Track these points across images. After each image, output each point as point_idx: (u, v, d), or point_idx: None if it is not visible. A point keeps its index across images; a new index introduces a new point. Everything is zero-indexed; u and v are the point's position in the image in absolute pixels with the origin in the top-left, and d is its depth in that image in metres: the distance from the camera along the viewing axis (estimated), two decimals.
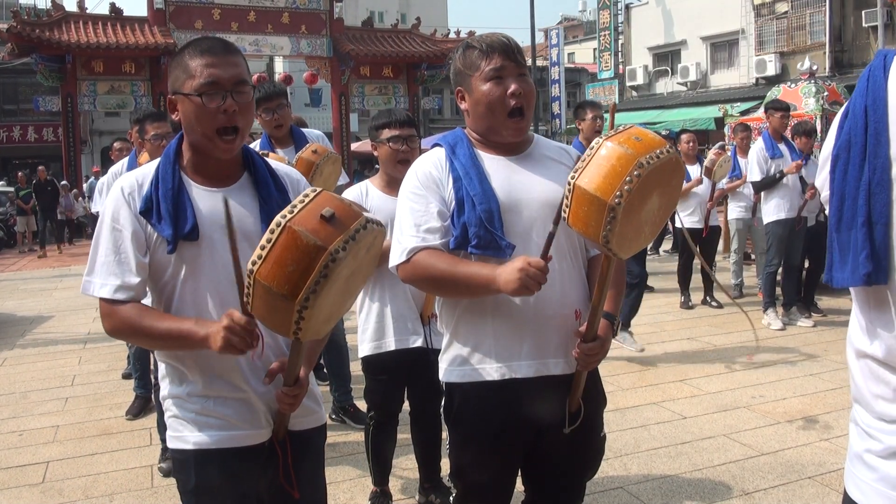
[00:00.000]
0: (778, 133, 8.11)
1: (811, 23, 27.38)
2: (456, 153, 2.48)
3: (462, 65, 2.50)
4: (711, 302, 9.04)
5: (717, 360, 6.78)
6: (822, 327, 7.98)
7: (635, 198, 2.03)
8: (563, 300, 2.41)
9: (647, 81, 34.03)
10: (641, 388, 5.99)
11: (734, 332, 7.76)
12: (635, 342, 7.13)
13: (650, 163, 2.03)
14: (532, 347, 2.41)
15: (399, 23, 32.32)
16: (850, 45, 26.70)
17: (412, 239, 2.40)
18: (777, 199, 7.93)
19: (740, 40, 30.19)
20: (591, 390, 2.53)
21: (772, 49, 28.46)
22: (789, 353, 7.00)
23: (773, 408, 5.52)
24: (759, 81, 26.67)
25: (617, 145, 2.07)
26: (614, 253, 2.13)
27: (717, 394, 5.83)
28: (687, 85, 32.05)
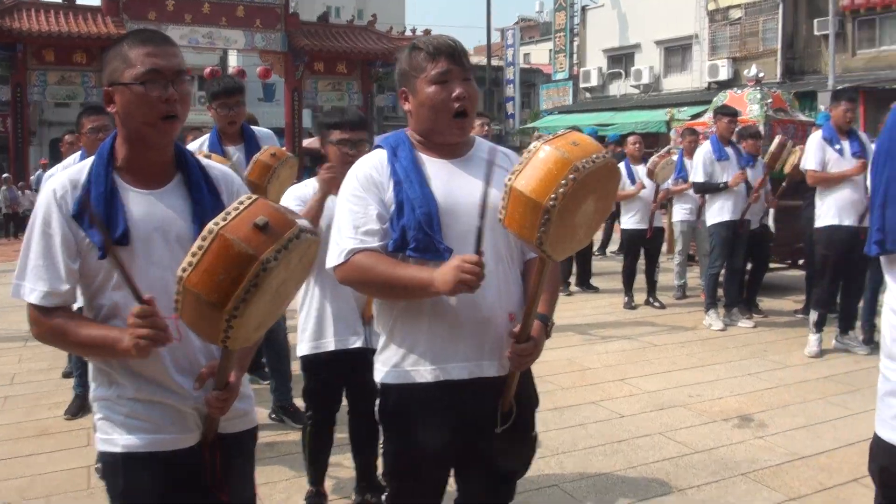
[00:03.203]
0: (725, 137, 8.27)
1: (764, 30, 27.83)
2: (397, 155, 2.50)
3: (407, 66, 2.52)
4: (654, 303, 9.18)
5: (656, 359, 6.90)
6: (763, 328, 8.16)
7: (570, 201, 2.08)
8: (499, 302, 2.44)
9: (601, 83, 34.28)
10: (581, 388, 6.07)
11: (675, 332, 7.90)
12: None
13: (586, 167, 2.08)
14: (467, 349, 2.44)
15: (355, 19, 32.24)
16: (801, 52, 27.20)
17: (350, 241, 2.41)
18: (721, 202, 8.09)
19: (693, 45, 30.54)
20: (523, 391, 2.57)
21: (724, 54, 28.87)
22: (729, 352, 7.15)
23: (710, 406, 5.63)
24: (712, 86, 27.01)
25: (554, 149, 2.12)
26: (548, 255, 2.18)
27: (655, 393, 5.94)
28: (640, 88, 32.36)
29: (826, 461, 4.68)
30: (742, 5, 28.58)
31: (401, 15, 51.55)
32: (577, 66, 35.45)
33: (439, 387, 2.43)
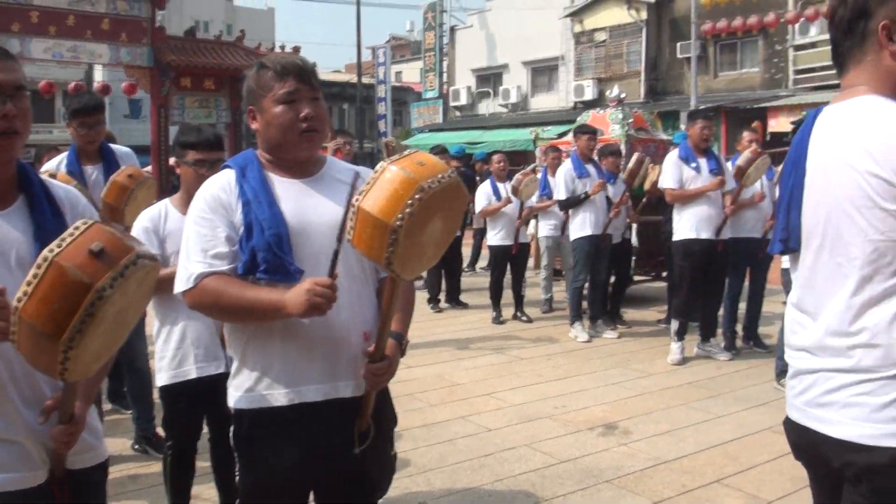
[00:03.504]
0: (585, 155, 8.49)
1: (628, 52, 28.95)
2: (246, 176, 2.44)
3: (255, 85, 2.47)
4: (522, 317, 9.30)
5: (524, 372, 6.98)
6: (627, 338, 8.38)
7: (417, 220, 2.08)
8: (353, 322, 2.41)
9: (470, 102, 34.85)
10: (450, 403, 6.08)
11: (542, 345, 8.03)
12: None
13: (432, 187, 2.09)
14: (322, 370, 2.40)
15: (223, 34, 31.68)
16: (664, 74, 28.42)
17: (199, 265, 2.35)
18: (583, 217, 8.29)
19: (560, 66, 31.44)
20: (380, 410, 2.54)
21: (590, 75, 29.84)
22: (594, 363, 7.31)
23: (576, 416, 5.74)
24: (578, 105, 27.82)
25: (400, 169, 2.12)
26: (397, 274, 2.17)
27: (521, 405, 6.00)
28: (508, 107, 33.02)
29: (689, 464, 4.83)
30: (607, 28, 29.64)
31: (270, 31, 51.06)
32: (446, 85, 35.89)
33: (294, 410, 2.39)
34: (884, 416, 1.89)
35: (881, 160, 1.85)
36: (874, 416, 1.91)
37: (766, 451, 5.06)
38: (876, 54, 1.98)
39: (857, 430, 1.93)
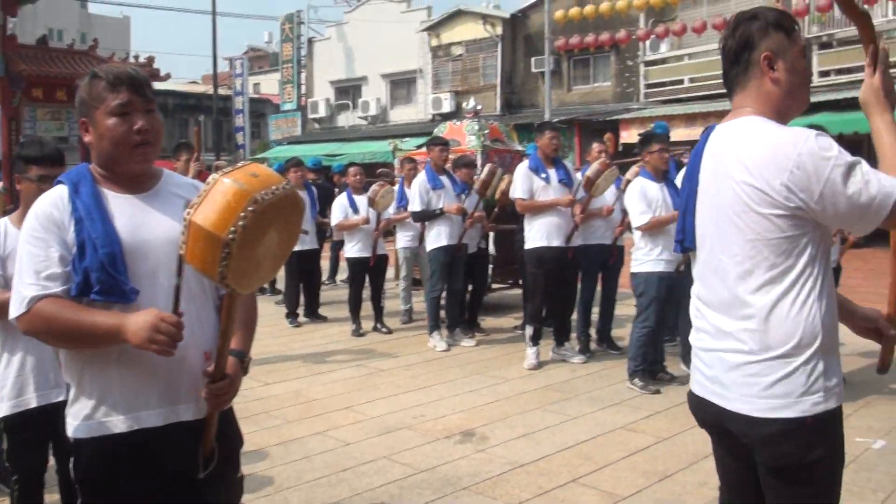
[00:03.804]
0: (439, 166, 8.56)
1: (484, 66, 29.49)
2: (79, 192, 2.34)
3: (87, 95, 2.37)
4: (381, 328, 9.28)
5: (383, 384, 6.96)
6: (485, 346, 8.49)
7: (250, 233, 2.02)
8: (192, 341, 2.32)
9: (329, 114, 34.64)
10: (308, 419, 5.99)
11: (401, 356, 8.03)
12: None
13: (265, 198, 2.04)
14: (162, 394, 2.32)
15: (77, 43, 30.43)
16: (520, 87, 29.07)
17: (32, 287, 2.24)
18: (438, 228, 8.36)
19: (418, 79, 31.68)
20: (225, 431, 2.48)
21: (447, 88, 30.19)
22: (452, 372, 7.36)
23: (434, 425, 5.75)
24: (436, 118, 28.05)
25: (233, 182, 2.06)
26: (232, 289, 2.11)
27: (380, 417, 5.98)
28: (368, 119, 33.02)
29: (545, 466, 4.92)
30: (463, 42, 30.10)
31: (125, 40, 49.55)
32: (305, 97, 35.57)
33: (134, 436, 2.30)
34: (771, 392, 2.23)
35: (754, 171, 2.20)
36: (763, 394, 2.24)
37: (620, 448, 5.22)
38: (758, 80, 2.35)
39: (750, 405, 2.27)
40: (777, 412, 2.21)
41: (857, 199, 2.13)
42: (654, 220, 6.52)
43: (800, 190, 2.15)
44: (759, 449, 2.30)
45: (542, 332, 7.66)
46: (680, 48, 24.09)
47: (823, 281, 2.25)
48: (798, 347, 2.21)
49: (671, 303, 6.88)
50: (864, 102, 2.35)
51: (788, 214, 2.18)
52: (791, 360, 2.22)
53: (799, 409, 2.21)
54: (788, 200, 2.17)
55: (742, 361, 2.27)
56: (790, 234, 2.20)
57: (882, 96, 2.31)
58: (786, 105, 2.36)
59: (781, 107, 2.35)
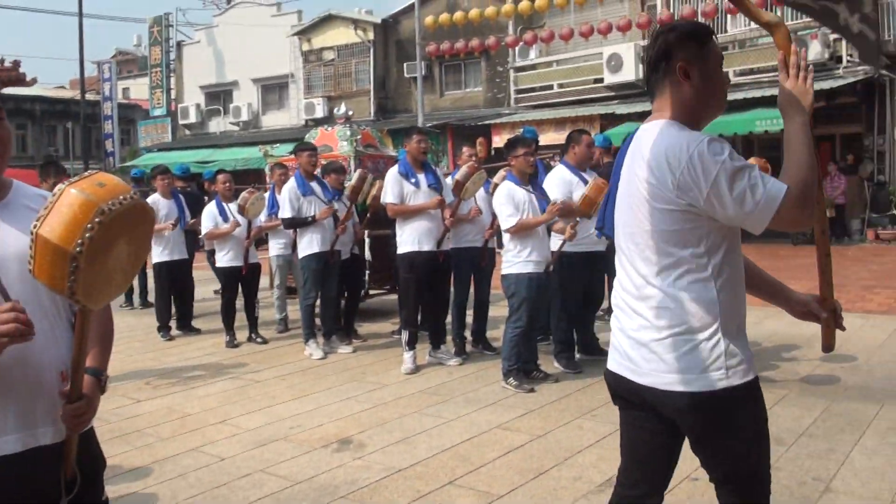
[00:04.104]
0: (308, 172, 8.49)
1: (356, 71, 29.48)
2: None
3: None
4: (256, 338, 9.14)
5: (258, 396, 6.85)
6: (362, 352, 8.46)
7: (98, 246, 1.96)
8: (48, 361, 2.24)
9: (200, 120, 33.89)
10: (182, 436, 5.83)
11: (277, 366, 7.93)
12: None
13: (112, 209, 1.98)
14: (18, 418, 2.21)
15: None
16: (393, 92, 29.20)
17: None
18: (310, 234, 8.27)
19: (290, 83, 31.36)
20: (86, 453, 2.39)
21: (320, 93, 30.01)
22: (329, 380, 7.31)
23: (310, 435, 5.70)
24: (309, 123, 27.81)
25: (79, 192, 1.99)
26: (83, 304, 2.04)
27: (256, 430, 5.88)
28: (239, 125, 32.48)
29: (422, 470, 4.94)
30: (335, 48, 29.97)
31: None
32: (175, 103, 34.71)
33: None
34: (675, 368, 2.45)
35: (653, 170, 2.43)
36: (668, 369, 2.46)
37: (495, 448, 5.28)
38: (675, 86, 2.53)
39: (657, 379, 2.49)
40: (681, 386, 2.44)
41: (741, 201, 2.31)
42: (521, 222, 6.63)
43: (688, 189, 2.36)
44: (676, 419, 2.54)
45: (417, 336, 7.69)
46: (548, 54, 24.59)
47: (722, 269, 2.47)
48: (697, 327, 2.44)
49: (542, 303, 7.02)
50: (780, 106, 2.47)
51: (680, 210, 2.40)
52: (691, 338, 2.45)
53: (700, 385, 2.43)
54: (679, 198, 2.39)
55: (648, 339, 2.50)
56: (684, 227, 2.43)
57: (795, 101, 2.43)
58: (699, 110, 2.55)
59: (695, 112, 2.54)
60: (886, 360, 7.34)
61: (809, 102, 2.43)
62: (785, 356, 7.64)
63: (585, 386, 6.77)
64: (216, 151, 30.32)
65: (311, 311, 8.42)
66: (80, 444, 2.32)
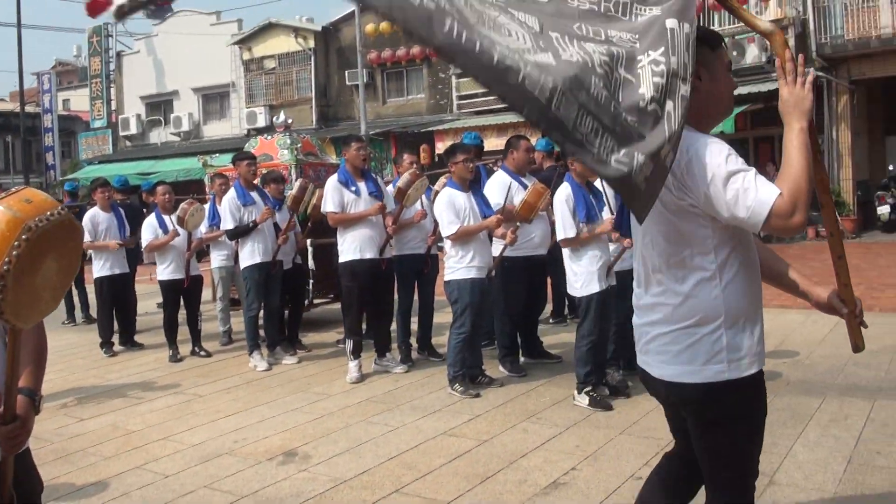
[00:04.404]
0: (248, 181, 8.44)
1: (298, 79, 29.34)
2: None
3: None
4: (200, 352, 9.04)
5: (202, 410, 6.78)
6: (307, 362, 8.42)
7: (26, 263, 1.94)
8: None
9: (140, 131, 33.42)
10: (125, 454, 5.74)
11: (221, 379, 7.85)
12: None
13: (39, 226, 1.96)
14: None
15: None
16: (335, 100, 29.12)
17: None
18: (251, 245, 8.22)
19: (231, 93, 31.10)
20: (23, 475, 2.37)
21: (261, 102, 29.82)
22: (273, 391, 7.25)
23: (255, 448, 5.65)
24: (251, 132, 27.59)
25: (6, 209, 1.97)
26: (12, 323, 2.02)
27: (200, 445, 5.82)
28: (181, 135, 32.11)
29: (368, 479, 4.93)
30: (276, 56, 29.81)
31: None
32: (115, 114, 34.18)
33: None
34: (678, 360, 2.59)
35: None
36: (673, 360, 2.61)
37: (441, 454, 5.30)
38: (698, 90, 2.51)
39: (666, 370, 2.63)
40: (684, 377, 2.58)
41: (734, 204, 2.38)
42: (462, 229, 6.66)
43: (688, 189, 2.46)
44: (682, 407, 2.72)
45: (362, 344, 7.68)
46: None
47: (729, 266, 2.56)
48: (701, 322, 2.55)
49: (485, 308, 7.06)
50: (781, 112, 2.52)
51: (684, 210, 2.50)
52: (695, 332, 2.56)
53: (702, 377, 2.56)
54: (681, 198, 2.48)
55: (657, 333, 2.65)
56: (688, 227, 2.52)
57: (794, 107, 2.48)
58: (707, 111, 2.61)
59: (702, 114, 2.58)
60: (828, 354, 7.50)
61: (808, 107, 2.47)
62: None
63: (530, 389, 6.82)
64: (157, 163, 29.97)
65: (254, 323, 8.35)
66: (17, 465, 2.30)
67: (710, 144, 2.45)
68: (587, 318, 6.20)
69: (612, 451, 5.21)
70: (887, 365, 6.92)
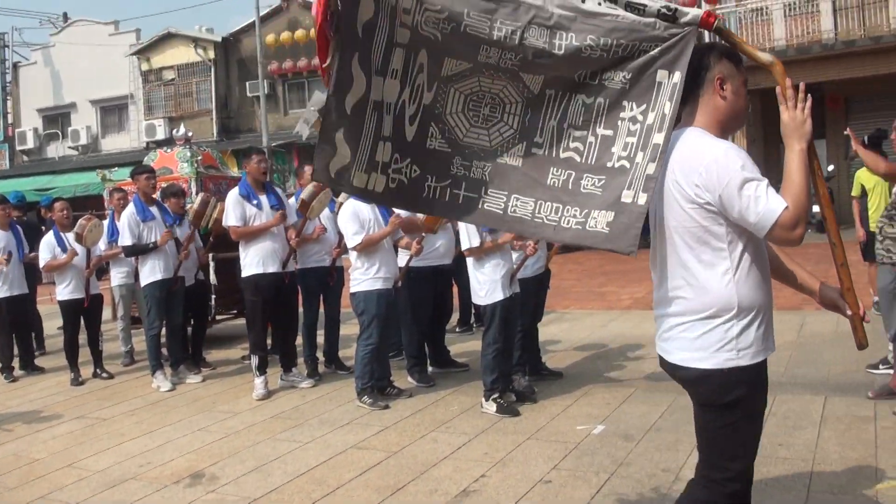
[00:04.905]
0: (148, 195, 8.26)
1: (198, 91, 28.91)
2: None
3: None
4: (102, 374, 8.79)
5: (106, 434, 6.59)
6: (212, 380, 8.28)
7: None
8: None
9: (38, 145, 32.40)
10: (29, 483, 5.54)
11: (125, 402, 7.66)
12: None
13: None
14: None
15: None
16: (236, 112, 28.77)
17: None
18: (152, 261, 8.03)
19: (130, 105, 30.42)
20: None
21: (161, 114, 29.26)
22: (179, 412, 7.11)
23: (161, 472, 5.53)
24: (150, 145, 27.04)
25: None
26: None
27: (105, 471, 5.65)
28: (79, 149, 31.23)
29: (277, 497, 4.89)
30: (175, 67, 29.27)
31: None
32: (12, 127, 33.00)
33: None
34: (693, 346, 2.83)
35: (678, 171, 2.77)
36: (689, 346, 2.84)
37: (351, 468, 5.29)
38: (709, 95, 2.85)
39: (680, 355, 2.88)
40: (695, 362, 2.83)
41: (745, 210, 2.64)
42: (366, 238, 6.67)
43: (706, 190, 2.69)
44: (687, 388, 2.98)
45: (268, 360, 7.60)
46: None
47: (742, 262, 2.78)
48: (716, 314, 2.78)
49: (392, 319, 7.08)
50: (783, 135, 2.75)
51: (701, 208, 2.73)
52: (709, 322, 2.79)
53: (713, 363, 2.79)
54: (698, 197, 2.72)
55: (676, 322, 2.88)
56: (706, 223, 2.75)
57: (793, 130, 2.73)
58: (725, 122, 2.88)
59: (724, 121, 2.87)
60: None
61: (808, 130, 2.72)
62: (630, 356, 7.95)
63: (439, 399, 6.85)
64: (55, 178, 29.05)
65: (157, 342, 8.15)
66: None
67: (729, 151, 2.71)
68: (492, 326, 6.28)
69: (521, 456, 5.28)
70: (786, 361, 7.17)
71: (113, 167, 17.25)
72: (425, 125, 3.03)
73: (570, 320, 10.13)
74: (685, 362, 2.87)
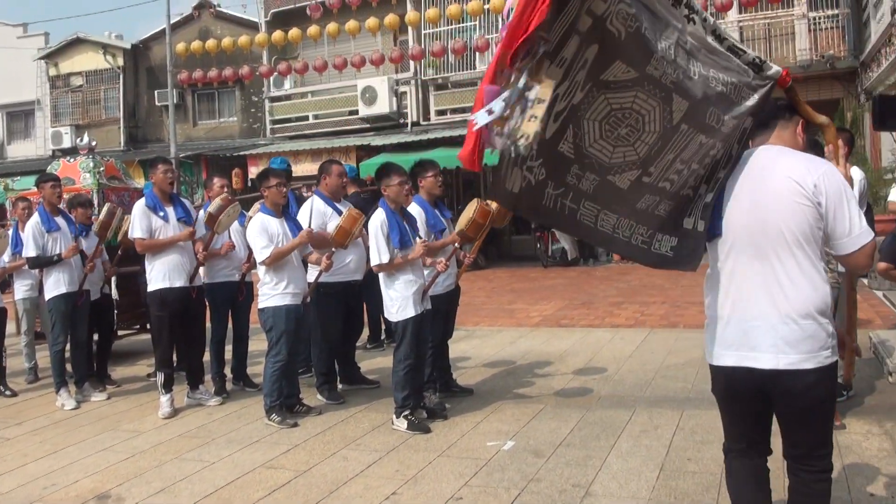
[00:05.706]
0: (53, 205, 8.02)
1: (106, 98, 28.22)
2: None
3: None
4: (5, 391, 8.48)
5: (8, 455, 6.35)
6: (117, 398, 8.07)
7: None
8: None
9: None
10: None
11: (28, 421, 7.40)
12: None
13: None
14: None
15: None
16: (144, 121, 28.19)
17: None
18: (56, 274, 7.79)
19: (36, 111, 29.53)
20: None
21: (68, 121, 28.45)
22: (83, 431, 6.92)
23: (66, 494, 5.37)
24: (56, 153, 26.28)
25: None
26: None
27: (7, 494, 5.46)
28: None
29: None
30: (83, 73, 28.53)
31: None
32: None
33: None
34: (800, 348, 2.97)
35: (795, 174, 2.99)
36: (793, 350, 2.97)
37: (260, 488, 5.23)
38: (793, 135, 3.22)
39: (782, 360, 3.00)
40: (802, 364, 2.96)
41: (850, 222, 2.93)
42: (275, 251, 6.62)
43: (820, 191, 2.93)
44: (789, 392, 3.03)
45: (174, 377, 7.47)
46: (303, 86, 24.63)
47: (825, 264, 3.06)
48: (820, 313, 2.98)
49: (301, 335, 7.04)
50: None
51: (813, 206, 2.93)
52: (813, 322, 2.97)
53: (816, 362, 2.98)
54: (815, 196, 2.92)
55: (801, 326, 2.98)
56: (813, 223, 2.94)
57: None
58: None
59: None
60: (635, 368, 7.91)
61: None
62: (539, 372, 8.06)
63: (349, 416, 6.83)
64: None
65: (61, 358, 7.90)
66: None
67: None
68: (403, 343, 6.30)
69: (432, 473, 5.31)
70: (693, 377, 7.36)
71: (17, 176, 16.74)
72: (565, 125, 2.77)
73: (480, 337, 10.20)
74: (789, 366, 3.00)
